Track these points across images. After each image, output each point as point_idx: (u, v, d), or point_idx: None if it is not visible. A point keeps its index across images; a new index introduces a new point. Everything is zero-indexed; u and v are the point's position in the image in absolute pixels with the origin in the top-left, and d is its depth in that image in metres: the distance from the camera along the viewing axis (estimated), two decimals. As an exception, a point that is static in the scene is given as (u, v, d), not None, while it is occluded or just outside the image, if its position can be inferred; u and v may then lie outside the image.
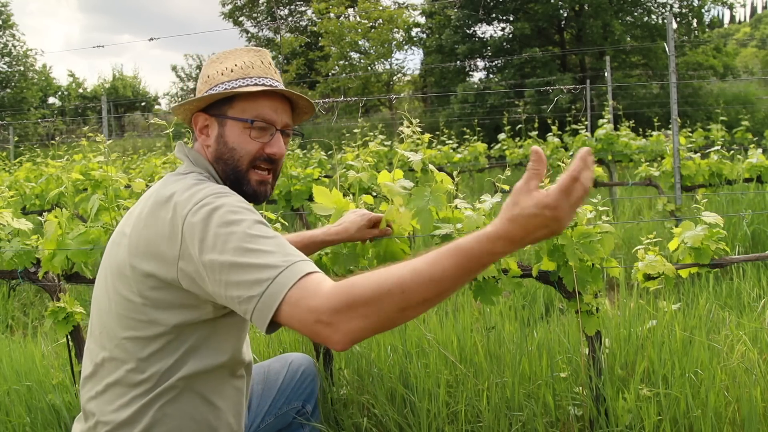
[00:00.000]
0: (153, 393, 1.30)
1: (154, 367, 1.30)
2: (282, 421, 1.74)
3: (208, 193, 1.26)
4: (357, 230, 1.80)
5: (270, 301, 1.09)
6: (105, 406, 1.32)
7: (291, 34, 23.87)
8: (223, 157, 1.43)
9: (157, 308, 1.28)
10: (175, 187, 1.32)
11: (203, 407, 1.35)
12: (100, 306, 1.38)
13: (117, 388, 1.32)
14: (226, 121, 1.42)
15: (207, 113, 1.45)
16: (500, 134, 8.64)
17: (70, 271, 2.32)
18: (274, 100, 1.44)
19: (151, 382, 1.30)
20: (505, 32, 19.41)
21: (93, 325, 1.40)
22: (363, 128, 7.27)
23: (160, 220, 1.27)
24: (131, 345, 1.30)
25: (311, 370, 1.82)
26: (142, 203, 1.37)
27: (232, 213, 1.21)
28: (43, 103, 27.36)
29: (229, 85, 1.43)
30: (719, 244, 1.97)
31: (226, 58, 1.48)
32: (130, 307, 1.30)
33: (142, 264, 1.27)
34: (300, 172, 5.27)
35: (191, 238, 1.20)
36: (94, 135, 3.56)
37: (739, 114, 12.05)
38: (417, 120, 2.10)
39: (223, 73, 1.45)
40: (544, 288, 3.47)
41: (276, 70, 1.51)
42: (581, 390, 2.05)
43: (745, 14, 77.93)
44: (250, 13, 26.68)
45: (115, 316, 1.32)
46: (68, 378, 2.50)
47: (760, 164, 4.85)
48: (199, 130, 1.47)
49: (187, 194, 1.27)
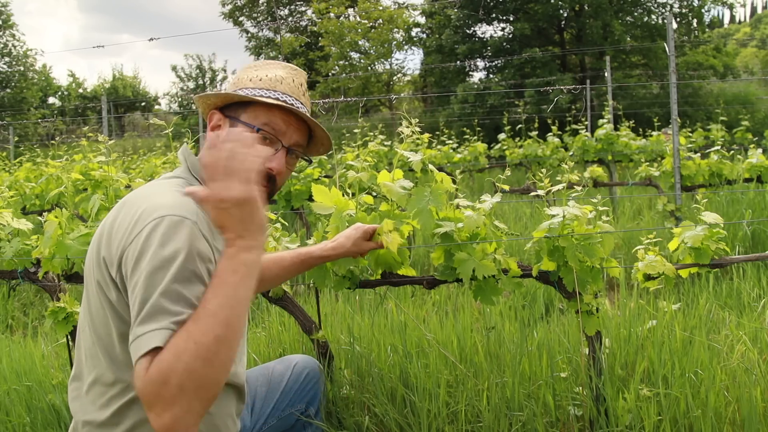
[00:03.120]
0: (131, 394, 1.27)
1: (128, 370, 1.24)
2: (285, 423, 1.74)
3: (170, 209, 1.17)
4: (353, 244, 1.80)
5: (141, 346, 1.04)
6: (88, 405, 1.32)
7: (291, 34, 23.85)
8: None
9: (121, 308, 1.26)
10: (153, 188, 1.32)
11: None
12: (83, 308, 1.38)
13: (97, 388, 1.30)
14: (237, 124, 1.40)
15: (223, 113, 1.45)
16: (500, 134, 8.64)
17: (70, 271, 2.31)
18: (289, 116, 1.43)
19: (126, 383, 1.26)
20: (505, 32, 19.42)
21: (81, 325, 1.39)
22: (363, 128, 7.27)
23: (122, 222, 1.24)
24: (109, 346, 1.29)
25: (315, 373, 1.81)
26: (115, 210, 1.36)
27: (174, 252, 1.11)
28: (43, 103, 27.37)
29: (252, 92, 1.42)
30: (719, 244, 1.97)
31: (262, 67, 1.48)
32: (98, 305, 1.29)
33: (104, 261, 1.26)
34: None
35: (133, 252, 1.14)
36: (94, 135, 3.56)
37: (739, 114, 12.06)
38: (417, 120, 2.10)
39: (252, 79, 1.45)
40: (544, 288, 3.47)
41: (305, 93, 1.50)
42: (581, 390, 2.05)
43: (745, 14, 77.95)
44: (250, 13, 26.69)
45: (89, 316, 1.32)
46: (68, 378, 2.50)
47: (760, 164, 4.85)
48: (212, 127, 1.46)
49: (162, 199, 1.22)
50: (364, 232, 1.82)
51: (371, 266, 2.03)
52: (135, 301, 1.09)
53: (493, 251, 1.96)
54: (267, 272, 1.79)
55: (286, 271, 1.82)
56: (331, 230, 1.95)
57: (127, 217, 1.24)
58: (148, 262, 1.10)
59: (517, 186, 6.91)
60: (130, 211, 1.25)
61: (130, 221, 1.21)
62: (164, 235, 1.13)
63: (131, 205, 1.27)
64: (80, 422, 1.34)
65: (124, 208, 1.31)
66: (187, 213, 1.18)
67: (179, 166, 1.46)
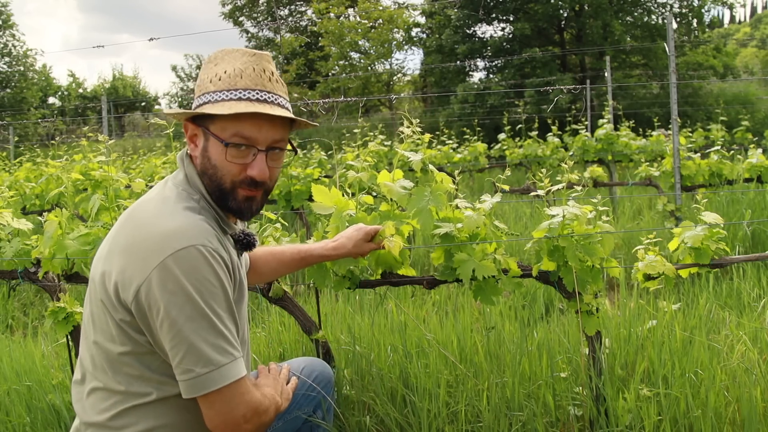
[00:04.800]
0: (144, 399, 1.31)
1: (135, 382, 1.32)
2: (291, 426, 1.70)
3: (185, 241, 1.25)
4: (354, 245, 1.79)
5: (205, 385, 1.24)
6: (89, 409, 1.35)
7: (291, 34, 23.85)
8: (207, 172, 1.37)
9: (129, 327, 1.29)
10: (153, 206, 1.33)
11: (183, 416, 1.36)
12: (87, 312, 1.40)
13: (99, 393, 1.33)
14: (209, 135, 1.36)
15: (194, 123, 1.40)
16: (500, 134, 8.63)
17: (70, 271, 2.31)
18: (257, 118, 1.35)
19: (127, 393, 1.32)
20: (505, 32, 19.40)
21: (86, 330, 1.41)
22: (363, 128, 7.27)
23: (130, 245, 1.28)
24: (113, 359, 1.32)
25: (324, 376, 1.78)
26: (118, 225, 1.37)
27: (204, 287, 1.25)
28: (43, 103, 27.35)
29: (213, 97, 1.36)
30: (719, 244, 1.97)
31: (221, 59, 1.40)
32: (101, 314, 1.32)
33: (108, 277, 1.29)
34: (300, 172, 5.27)
35: (154, 299, 1.23)
36: (95, 135, 3.56)
37: (739, 114, 12.05)
38: (417, 120, 2.10)
39: (212, 80, 1.37)
40: (544, 288, 3.47)
41: (271, 77, 1.40)
42: (581, 390, 2.05)
43: (745, 14, 77.95)
44: (250, 13, 26.67)
45: (92, 323, 1.35)
46: (68, 378, 2.50)
47: (760, 164, 4.85)
48: (189, 138, 1.42)
49: (170, 223, 1.27)
50: (366, 234, 1.80)
51: (371, 266, 2.03)
52: (177, 351, 1.24)
53: (493, 251, 1.96)
54: (265, 266, 1.79)
55: (284, 266, 1.81)
56: (331, 230, 1.95)
57: (136, 240, 1.27)
58: (177, 314, 1.22)
59: (517, 186, 6.91)
60: (138, 233, 1.28)
61: (139, 250, 1.25)
62: (180, 280, 1.22)
63: (138, 225, 1.29)
64: (84, 424, 1.35)
65: (128, 223, 1.32)
66: (196, 237, 1.25)
67: (178, 171, 1.43)
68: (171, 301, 1.21)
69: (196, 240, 1.25)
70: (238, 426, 1.28)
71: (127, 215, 1.36)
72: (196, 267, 1.23)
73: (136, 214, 1.34)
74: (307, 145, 8.87)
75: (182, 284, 1.22)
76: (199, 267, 1.24)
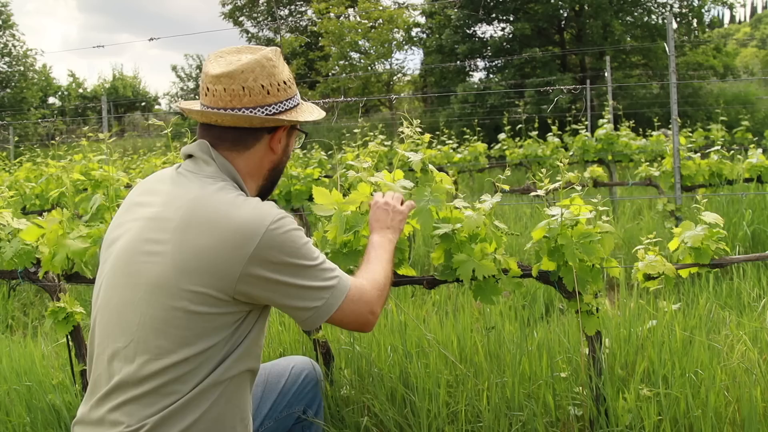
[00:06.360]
0: (194, 396, 1.29)
1: (197, 376, 1.30)
2: (282, 425, 1.71)
3: (275, 213, 1.35)
4: None
5: (327, 311, 1.39)
6: (140, 411, 1.27)
7: (291, 34, 23.86)
8: (279, 167, 1.51)
9: (208, 322, 1.29)
10: (222, 197, 1.34)
11: (233, 411, 1.36)
12: (127, 319, 1.31)
13: (151, 396, 1.27)
14: (294, 130, 1.53)
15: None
16: (500, 134, 8.63)
17: (70, 271, 2.32)
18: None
19: (192, 387, 1.29)
20: (505, 32, 19.40)
21: (113, 339, 1.32)
22: (363, 128, 7.27)
23: (217, 234, 1.28)
24: (175, 356, 1.27)
25: (313, 375, 1.79)
26: (176, 211, 1.32)
27: (300, 235, 1.37)
28: (43, 103, 27.34)
29: (295, 101, 1.48)
30: (719, 244, 1.97)
31: (278, 59, 1.46)
32: (176, 321, 1.27)
33: (192, 279, 1.27)
34: (300, 172, 5.27)
35: (269, 249, 1.31)
36: (95, 134, 3.56)
37: (739, 114, 12.04)
38: (417, 120, 2.10)
39: (282, 85, 1.45)
40: (544, 288, 3.47)
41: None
42: (581, 390, 2.05)
43: (745, 14, 77.93)
44: (250, 13, 26.67)
45: (153, 330, 1.28)
46: (68, 378, 2.50)
47: (760, 164, 4.84)
48: (277, 140, 1.47)
49: (250, 209, 1.33)
50: None
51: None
52: (292, 301, 1.36)
53: (493, 251, 1.96)
54: None
55: None
56: (331, 230, 1.95)
57: (219, 238, 1.28)
58: (288, 278, 1.34)
59: (517, 186, 6.91)
60: (214, 231, 1.29)
61: (233, 238, 1.28)
62: (288, 240, 1.34)
63: (211, 225, 1.29)
64: None
65: (193, 229, 1.29)
66: (269, 210, 1.34)
67: (203, 165, 1.41)
68: (277, 269, 1.32)
69: (272, 211, 1.34)
70: (369, 322, 1.48)
71: (184, 225, 1.30)
72: (287, 231, 1.33)
73: (196, 217, 1.30)
74: (307, 145, 8.86)
75: (282, 251, 1.32)
76: (290, 229, 1.34)
